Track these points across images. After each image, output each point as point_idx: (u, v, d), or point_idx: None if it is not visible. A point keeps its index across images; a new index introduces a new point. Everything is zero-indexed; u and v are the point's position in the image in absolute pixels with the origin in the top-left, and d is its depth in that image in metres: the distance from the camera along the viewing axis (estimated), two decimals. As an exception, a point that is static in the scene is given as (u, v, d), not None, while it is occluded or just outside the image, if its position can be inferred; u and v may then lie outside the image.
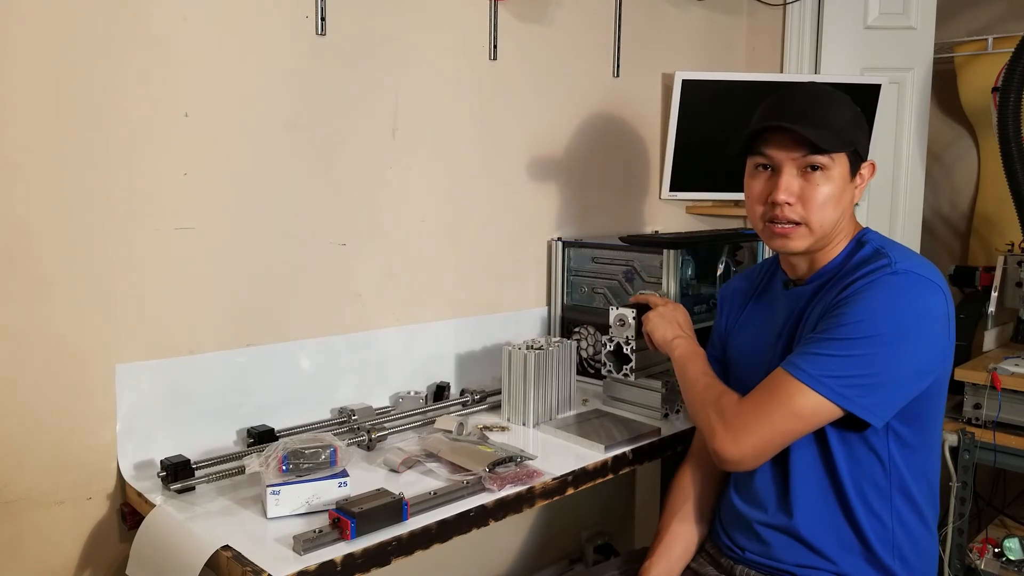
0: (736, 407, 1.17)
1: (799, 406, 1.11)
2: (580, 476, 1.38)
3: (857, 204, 1.25)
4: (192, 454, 1.31)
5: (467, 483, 1.26)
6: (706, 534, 1.36)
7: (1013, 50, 2.07)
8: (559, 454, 1.45)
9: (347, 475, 1.20)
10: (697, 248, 1.88)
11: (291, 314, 1.54)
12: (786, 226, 1.18)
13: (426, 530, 1.15)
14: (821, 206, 1.15)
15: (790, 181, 1.16)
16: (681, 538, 1.32)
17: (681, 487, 1.37)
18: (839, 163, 1.16)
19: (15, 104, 1.20)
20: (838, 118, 1.16)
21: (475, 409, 1.69)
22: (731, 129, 1.27)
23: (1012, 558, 1.92)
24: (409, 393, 1.70)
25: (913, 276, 1.12)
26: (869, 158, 1.22)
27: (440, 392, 1.73)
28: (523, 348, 1.61)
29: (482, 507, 1.22)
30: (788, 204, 1.16)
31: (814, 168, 1.15)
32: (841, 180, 1.17)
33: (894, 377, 1.10)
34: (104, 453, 1.32)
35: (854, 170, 1.19)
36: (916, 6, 2.42)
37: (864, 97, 2.23)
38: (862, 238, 1.23)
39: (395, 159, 1.68)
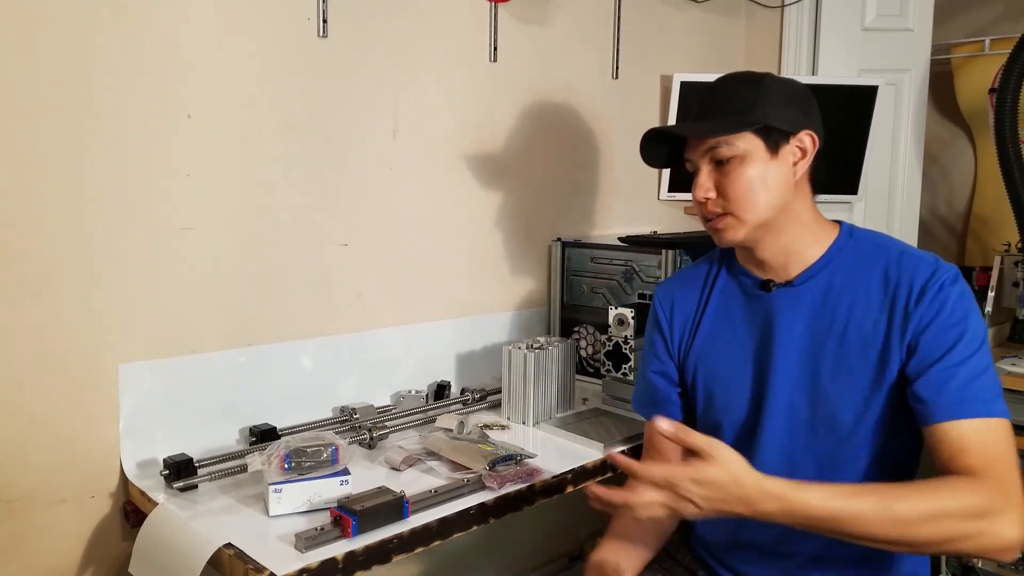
0: (991, 490, 0.96)
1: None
2: (579, 474, 1.38)
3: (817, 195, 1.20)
4: (194, 453, 1.32)
5: (468, 481, 1.27)
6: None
7: (1010, 51, 2.08)
8: (559, 453, 1.45)
9: (348, 473, 1.20)
10: (695, 248, 1.88)
11: (293, 314, 1.55)
12: (715, 220, 1.16)
13: (427, 528, 1.15)
14: (744, 193, 1.12)
15: (704, 178, 1.15)
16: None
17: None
18: (747, 145, 1.12)
19: (20, 106, 1.20)
20: (739, 99, 1.12)
21: (475, 408, 1.70)
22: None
23: (1009, 556, 1.93)
24: (410, 392, 1.71)
25: (957, 270, 1.13)
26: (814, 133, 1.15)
27: (441, 391, 1.74)
28: (523, 348, 1.62)
29: (482, 505, 1.23)
30: (709, 199, 1.15)
31: (721, 161, 1.13)
32: (760, 161, 1.12)
33: None
34: (107, 452, 1.33)
35: (775, 146, 1.12)
36: (913, 8, 2.43)
37: (861, 98, 2.24)
38: (851, 230, 1.22)
39: (396, 160, 1.69)
